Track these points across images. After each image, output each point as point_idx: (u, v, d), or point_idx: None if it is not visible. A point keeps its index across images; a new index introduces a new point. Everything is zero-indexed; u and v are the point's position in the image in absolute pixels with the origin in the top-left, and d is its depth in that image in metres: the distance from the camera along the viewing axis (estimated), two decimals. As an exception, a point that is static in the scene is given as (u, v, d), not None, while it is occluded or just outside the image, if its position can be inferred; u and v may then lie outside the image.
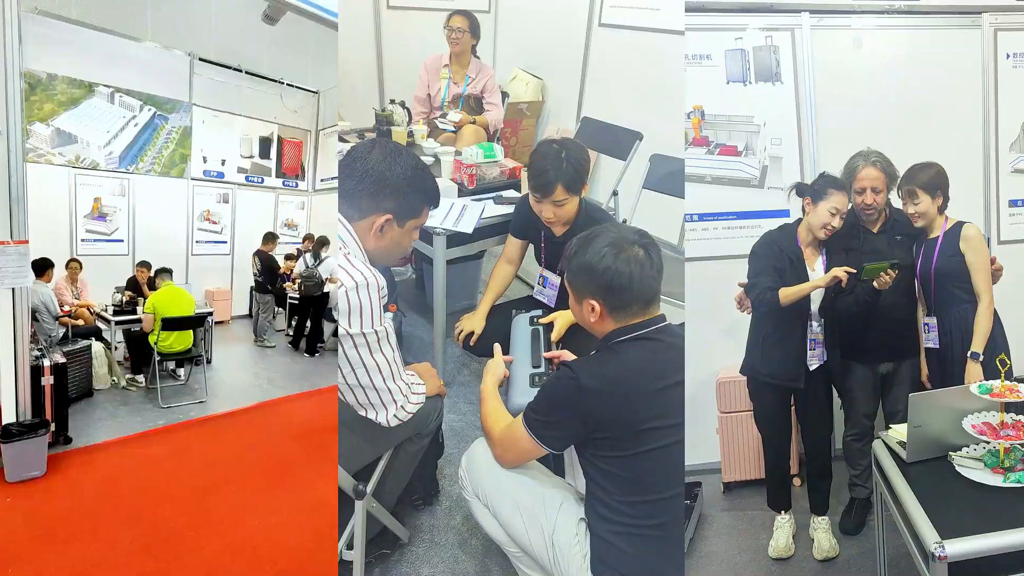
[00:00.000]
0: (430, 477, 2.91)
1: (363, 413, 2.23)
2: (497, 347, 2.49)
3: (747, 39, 3.76)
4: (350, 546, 2.36)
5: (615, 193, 4.02)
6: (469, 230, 3.35)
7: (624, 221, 3.85)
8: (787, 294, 2.93)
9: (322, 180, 10.71)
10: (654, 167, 3.88)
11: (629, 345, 1.98)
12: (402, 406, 2.26)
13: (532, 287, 3.35)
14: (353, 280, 2.02)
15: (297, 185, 10.75)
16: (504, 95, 5.00)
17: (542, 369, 2.47)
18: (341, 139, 4.38)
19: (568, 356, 2.49)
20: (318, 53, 8.71)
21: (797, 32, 3.77)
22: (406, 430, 2.39)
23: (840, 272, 2.86)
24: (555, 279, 3.17)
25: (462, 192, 3.74)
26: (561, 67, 5.14)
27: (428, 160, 3.96)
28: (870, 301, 3.00)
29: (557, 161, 2.79)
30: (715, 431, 3.78)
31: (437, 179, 2.44)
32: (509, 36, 5.54)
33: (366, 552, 2.42)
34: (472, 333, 3.13)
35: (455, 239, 3.37)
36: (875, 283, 2.91)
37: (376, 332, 2.10)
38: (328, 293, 8.07)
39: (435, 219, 3.31)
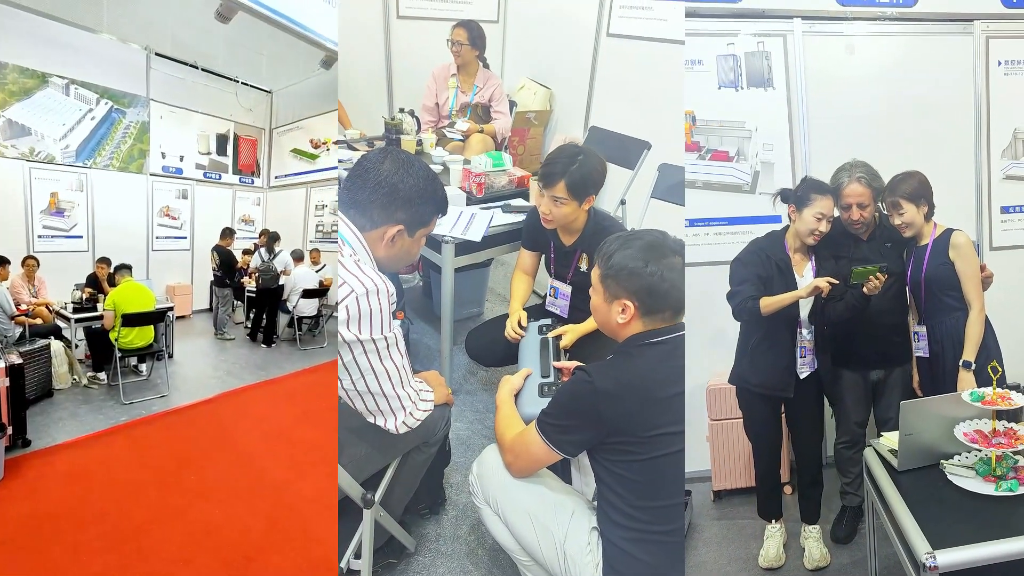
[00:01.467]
0: (437, 486, 2.89)
1: (371, 420, 2.20)
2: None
3: (739, 45, 3.77)
4: (357, 555, 2.33)
5: (623, 202, 4.00)
6: (477, 238, 3.35)
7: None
8: (768, 303, 2.93)
9: (276, 177, 10.69)
10: (662, 176, 3.85)
11: (644, 350, 2.00)
12: (411, 413, 2.23)
13: (543, 298, 3.34)
14: (363, 286, 2.00)
15: (253, 182, 10.67)
16: (512, 104, 4.99)
17: (551, 379, 2.46)
18: (350, 147, 4.35)
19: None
20: (272, 54, 8.64)
21: (789, 38, 3.78)
22: (414, 438, 2.37)
23: (821, 283, 2.88)
24: (566, 289, 3.16)
25: (471, 200, 3.74)
26: (569, 76, 5.10)
27: (437, 168, 3.95)
28: (860, 307, 3.00)
29: (570, 161, 2.84)
30: (705, 439, 3.76)
31: (446, 187, 2.45)
32: (517, 45, 5.51)
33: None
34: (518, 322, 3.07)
35: (463, 247, 3.37)
36: (864, 288, 2.91)
37: (386, 338, 2.08)
38: (283, 286, 8.13)
39: (444, 227, 3.30)
